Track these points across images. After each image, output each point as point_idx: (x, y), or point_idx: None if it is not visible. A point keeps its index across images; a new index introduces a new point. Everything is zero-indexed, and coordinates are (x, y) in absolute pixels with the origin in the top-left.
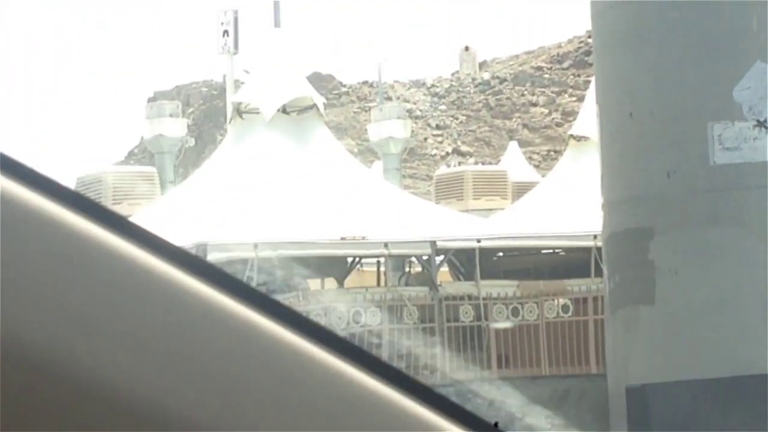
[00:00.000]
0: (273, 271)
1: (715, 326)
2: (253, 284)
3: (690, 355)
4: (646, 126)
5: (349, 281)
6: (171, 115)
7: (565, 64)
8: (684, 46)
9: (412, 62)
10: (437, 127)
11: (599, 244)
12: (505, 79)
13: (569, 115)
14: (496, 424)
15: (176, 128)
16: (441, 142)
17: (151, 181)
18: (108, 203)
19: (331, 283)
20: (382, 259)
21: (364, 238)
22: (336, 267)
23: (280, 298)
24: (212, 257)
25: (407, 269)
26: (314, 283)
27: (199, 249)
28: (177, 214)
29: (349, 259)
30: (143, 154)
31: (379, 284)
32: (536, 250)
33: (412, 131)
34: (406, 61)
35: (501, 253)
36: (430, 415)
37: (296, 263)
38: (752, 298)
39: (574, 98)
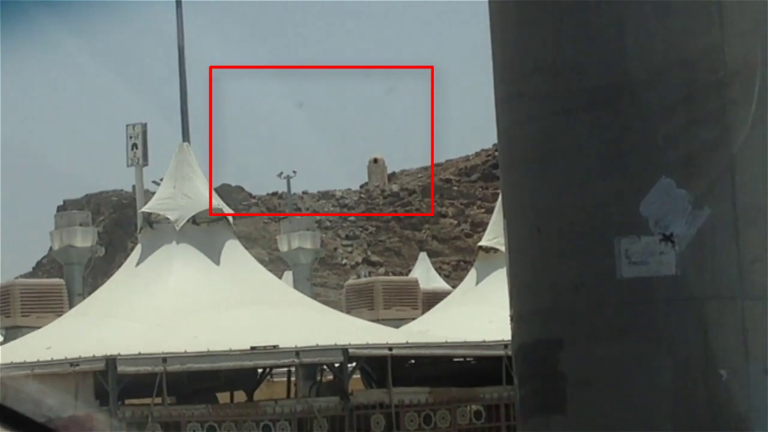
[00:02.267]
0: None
1: None
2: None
3: None
4: (553, 240)
5: (258, 393)
6: (81, 224)
7: (473, 177)
8: (589, 161)
9: (321, 174)
10: (347, 237)
11: (510, 352)
12: (414, 191)
13: (478, 226)
14: None
15: (86, 238)
16: (351, 252)
17: (59, 293)
18: (17, 316)
19: (240, 396)
20: (293, 369)
21: (275, 347)
22: (246, 379)
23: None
24: (121, 371)
25: (318, 378)
26: (223, 397)
27: (109, 363)
28: (85, 327)
29: (260, 370)
30: (52, 264)
31: (289, 395)
32: (448, 358)
33: (322, 241)
34: (314, 173)
35: (413, 361)
36: None
37: (206, 376)
38: (660, 410)
39: (482, 210)
